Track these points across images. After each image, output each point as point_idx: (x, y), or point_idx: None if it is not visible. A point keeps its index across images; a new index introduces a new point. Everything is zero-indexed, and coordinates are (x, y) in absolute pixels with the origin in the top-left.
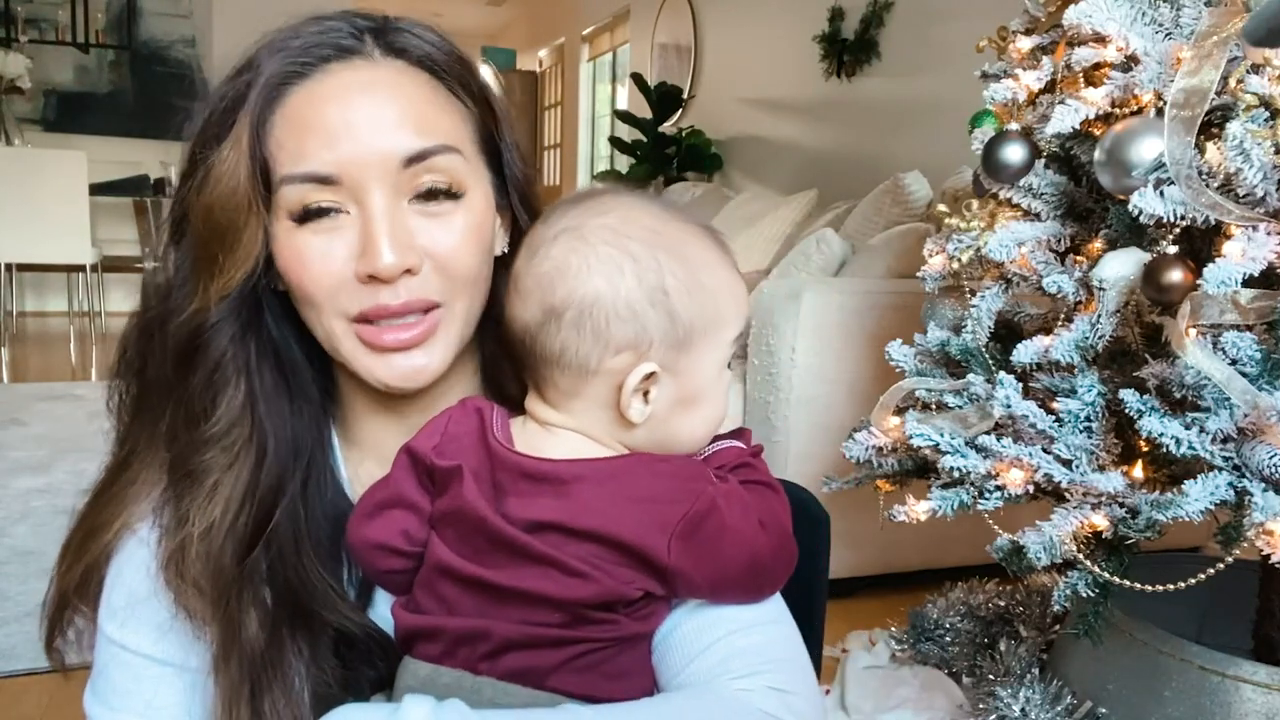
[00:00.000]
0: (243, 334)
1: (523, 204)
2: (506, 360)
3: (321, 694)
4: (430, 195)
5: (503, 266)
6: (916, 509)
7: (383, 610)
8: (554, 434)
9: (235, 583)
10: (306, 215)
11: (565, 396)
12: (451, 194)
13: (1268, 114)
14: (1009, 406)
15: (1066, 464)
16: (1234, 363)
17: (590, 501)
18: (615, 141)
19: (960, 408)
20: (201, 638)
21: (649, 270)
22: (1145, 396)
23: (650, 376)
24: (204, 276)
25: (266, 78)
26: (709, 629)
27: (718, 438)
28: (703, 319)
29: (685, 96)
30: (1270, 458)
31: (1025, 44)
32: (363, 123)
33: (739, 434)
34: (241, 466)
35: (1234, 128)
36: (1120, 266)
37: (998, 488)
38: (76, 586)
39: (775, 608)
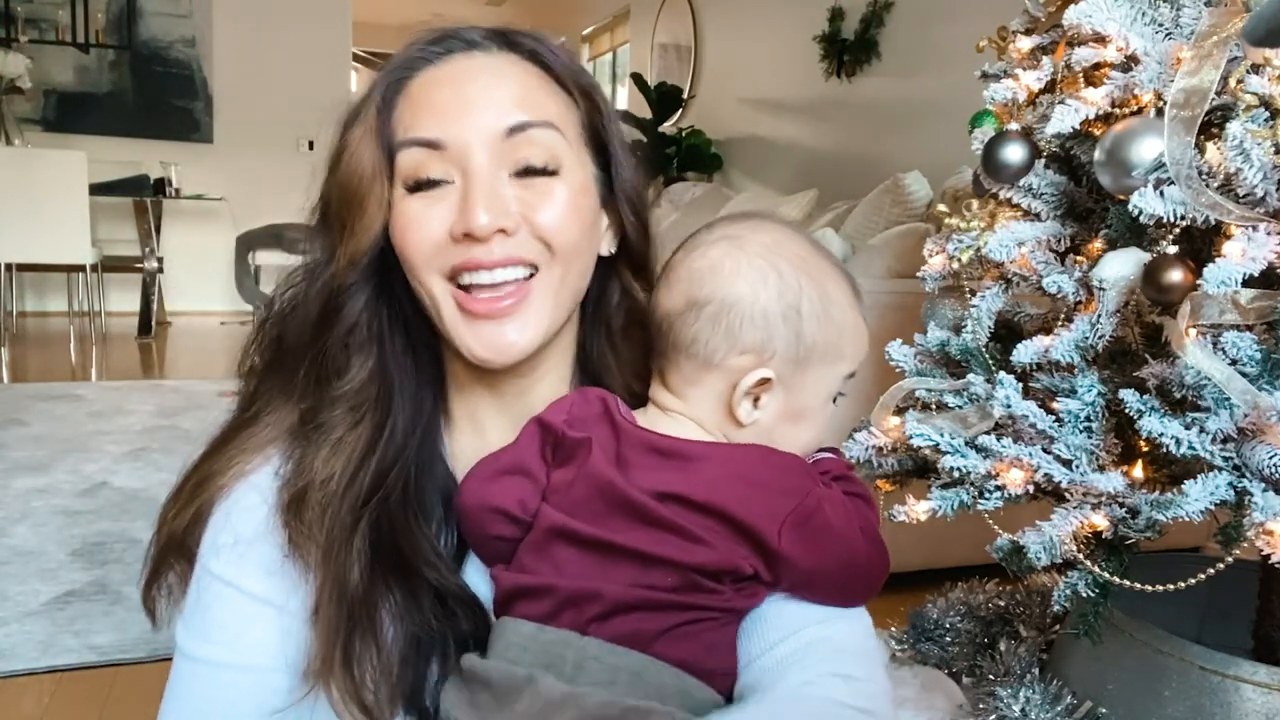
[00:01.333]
0: (376, 301)
1: (629, 206)
2: (611, 354)
3: (422, 639)
4: (529, 171)
5: (610, 269)
6: (916, 509)
7: (471, 577)
8: (673, 419)
9: (347, 530)
10: (417, 186)
11: (686, 384)
12: (549, 171)
13: (1268, 114)
14: (1009, 406)
15: (1066, 464)
16: (1234, 363)
17: (712, 478)
18: None
19: (960, 408)
20: (305, 582)
21: (790, 289)
22: (1145, 396)
23: (765, 383)
24: (339, 245)
25: (395, 65)
26: (794, 616)
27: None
28: (824, 346)
29: (685, 96)
30: (1270, 458)
31: (1025, 44)
32: (472, 98)
33: (832, 452)
34: (366, 426)
35: (1234, 128)
36: (1120, 266)
37: (998, 488)
38: (186, 528)
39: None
